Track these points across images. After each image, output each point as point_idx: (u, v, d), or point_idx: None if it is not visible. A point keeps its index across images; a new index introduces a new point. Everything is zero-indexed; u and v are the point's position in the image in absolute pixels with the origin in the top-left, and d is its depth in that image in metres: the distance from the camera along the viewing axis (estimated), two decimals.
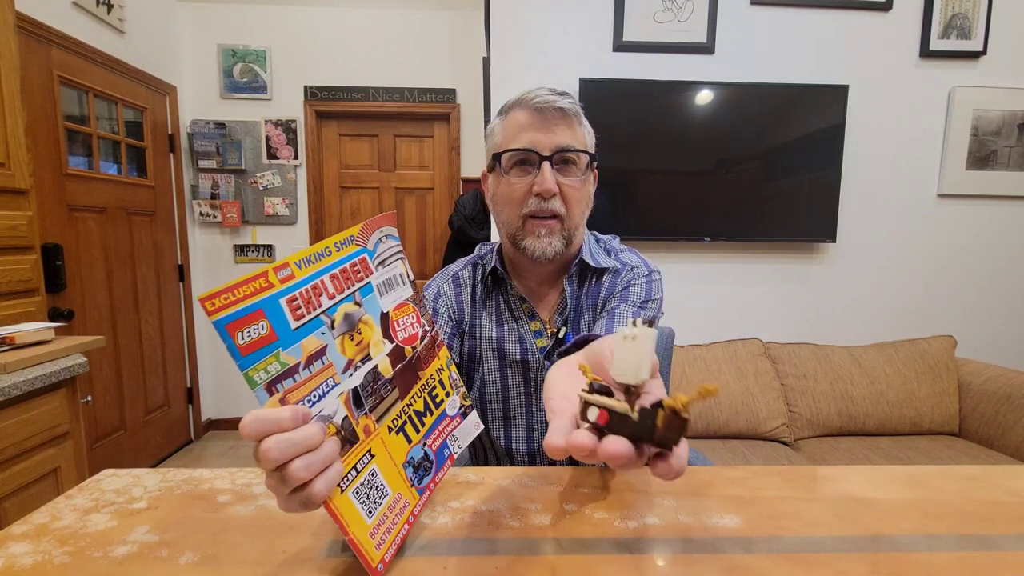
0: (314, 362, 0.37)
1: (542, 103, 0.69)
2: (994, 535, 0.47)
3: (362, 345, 0.41)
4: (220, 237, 2.91)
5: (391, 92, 2.86)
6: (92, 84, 2.18)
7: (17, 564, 0.40)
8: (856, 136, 2.06)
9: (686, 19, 1.99)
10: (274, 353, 0.34)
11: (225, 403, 3.05)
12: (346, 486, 0.37)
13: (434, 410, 0.46)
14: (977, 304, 2.21)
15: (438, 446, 0.47)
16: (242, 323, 0.33)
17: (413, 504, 0.43)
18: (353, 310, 0.41)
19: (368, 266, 0.43)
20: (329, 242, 0.40)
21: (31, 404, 1.12)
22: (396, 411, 0.43)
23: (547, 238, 0.71)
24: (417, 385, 0.46)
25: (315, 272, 0.39)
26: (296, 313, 0.36)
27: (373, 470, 0.40)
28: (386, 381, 0.43)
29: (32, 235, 1.47)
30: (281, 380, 0.34)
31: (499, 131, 0.74)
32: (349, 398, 0.39)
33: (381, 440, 0.41)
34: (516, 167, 0.72)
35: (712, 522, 0.48)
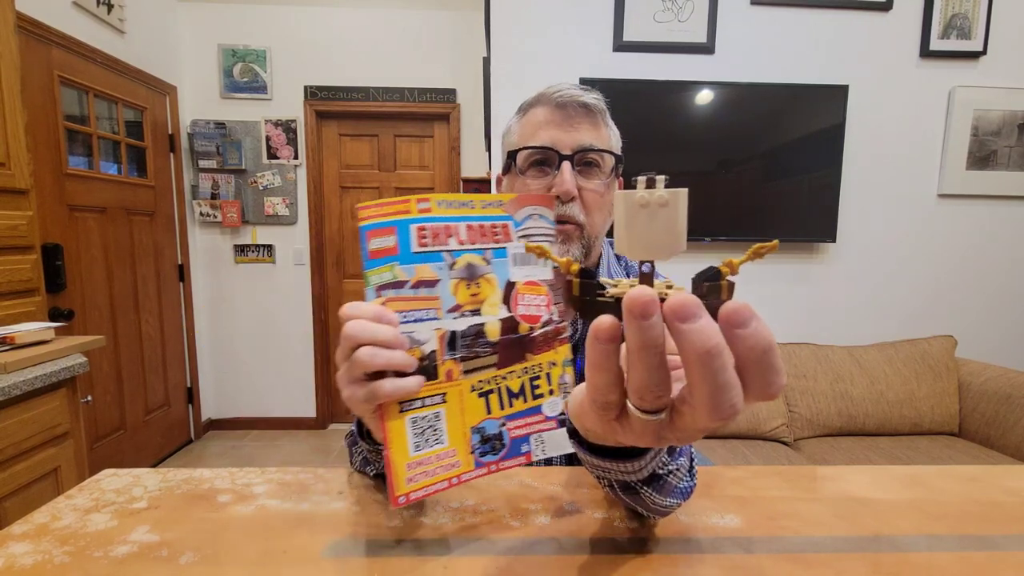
0: (422, 287, 0.41)
1: (564, 98, 0.64)
2: (994, 535, 0.47)
3: (476, 298, 0.42)
4: (220, 237, 2.91)
5: (391, 92, 2.86)
6: (92, 84, 2.18)
7: (17, 564, 0.40)
8: (856, 136, 2.06)
9: (686, 19, 1.99)
10: (390, 265, 0.40)
11: (225, 403, 3.05)
12: (407, 409, 0.40)
13: (528, 399, 0.44)
14: (977, 304, 2.21)
15: (518, 436, 0.44)
16: (377, 233, 0.40)
17: (463, 470, 0.42)
18: (478, 263, 0.43)
19: (508, 233, 0.44)
20: (476, 198, 0.43)
21: (31, 404, 1.12)
22: (486, 376, 0.43)
23: (564, 246, 0.64)
24: (521, 365, 0.44)
25: (451, 216, 0.42)
26: (421, 241, 0.41)
27: (439, 413, 0.41)
28: (487, 343, 0.43)
29: (32, 235, 1.47)
30: (388, 288, 0.40)
31: (516, 129, 0.69)
32: (445, 336, 0.41)
33: (460, 392, 0.42)
34: (533, 167, 0.65)
35: (712, 522, 0.48)
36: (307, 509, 0.49)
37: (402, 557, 0.42)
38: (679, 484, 0.45)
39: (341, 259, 3.06)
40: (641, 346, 0.22)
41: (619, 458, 0.37)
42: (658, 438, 0.25)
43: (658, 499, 0.43)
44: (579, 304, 0.25)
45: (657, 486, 0.43)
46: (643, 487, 0.42)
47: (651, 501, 0.43)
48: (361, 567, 0.41)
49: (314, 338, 3.02)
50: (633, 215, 0.24)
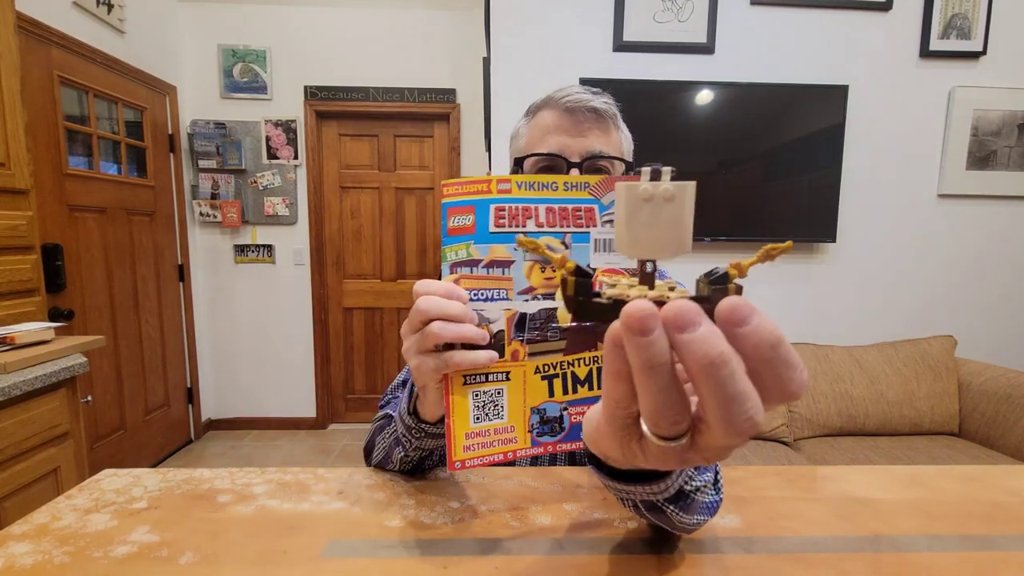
0: (495, 268, 0.42)
1: (573, 103, 0.62)
2: (994, 535, 0.47)
3: (551, 282, 0.42)
4: (220, 237, 2.91)
5: (391, 92, 2.86)
6: (92, 84, 2.18)
7: (17, 564, 0.40)
8: (856, 136, 2.06)
9: (686, 19, 1.99)
10: (466, 243, 0.41)
11: (225, 403, 3.05)
12: (470, 382, 0.41)
13: (595, 387, 0.43)
14: (977, 304, 2.21)
15: (578, 421, 0.43)
16: (457, 211, 0.41)
17: (520, 446, 0.43)
18: (557, 246, 0.41)
19: (593, 217, 0.42)
20: (559, 179, 0.42)
21: (31, 404, 1.12)
22: (553, 360, 0.43)
23: None
24: (590, 353, 0.43)
25: (532, 198, 0.42)
26: (498, 221, 0.41)
27: (501, 390, 0.41)
28: (557, 328, 0.43)
29: (32, 235, 1.47)
30: (463, 266, 0.41)
31: (524, 133, 0.67)
32: (514, 318, 0.42)
33: (524, 372, 0.42)
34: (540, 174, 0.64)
35: (712, 522, 0.48)
36: (307, 509, 0.49)
37: (402, 557, 0.42)
38: (705, 500, 0.43)
39: (341, 259, 3.06)
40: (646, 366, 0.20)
41: (641, 481, 0.36)
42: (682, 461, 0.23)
43: (685, 517, 0.42)
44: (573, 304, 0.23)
45: (684, 504, 0.41)
46: (668, 505, 0.40)
47: (677, 520, 0.41)
48: (361, 567, 0.41)
49: (314, 338, 3.02)
50: (635, 209, 0.22)
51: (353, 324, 3.11)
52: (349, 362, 3.13)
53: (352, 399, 3.16)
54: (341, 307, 3.09)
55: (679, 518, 0.41)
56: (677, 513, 0.41)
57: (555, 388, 0.43)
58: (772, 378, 0.20)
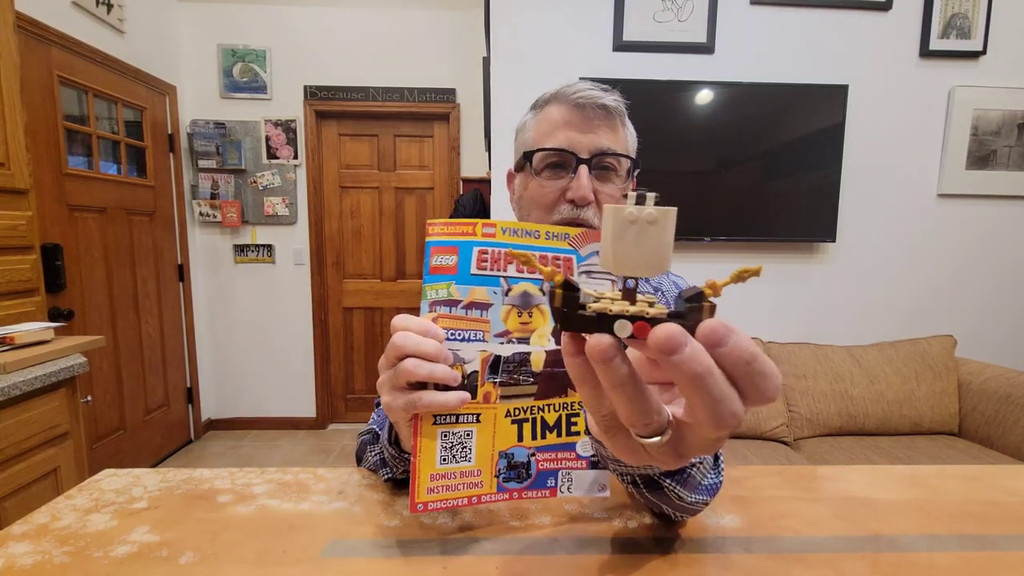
0: (474, 309, 0.42)
1: (584, 99, 0.62)
2: (994, 535, 0.47)
3: (526, 327, 0.43)
4: (220, 237, 2.91)
5: (391, 92, 2.86)
6: (92, 84, 2.18)
7: (17, 564, 0.40)
8: (856, 136, 2.06)
9: (686, 19, 1.99)
10: (448, 283, 0.42)
11: (225, 403, 3.05)
12: (440, 422, 0.41)
13: (563, 434, 0.43)
14: (977, 304, 2.21)
15: (546, 468, 0.44)
16: (441, 250, 0.41)
17: (486, 491, 0.42)
18: (534, 293, 0.43)
19: (571, 267, 0.43)
20: (541, 228, 0.43)
21: (31, 404, 1.12)
22: (523, 404, 0.43)
23: None
24: (560, 399, 0.44)
25: (514, 243, 0.43)
26: (480, 264, 0.42)
27: (471, 432, 0.41)
28: (530, 372, 0.43)
29: (32, 235, 1.47)
30: (442, 305, 0.42)
31: (532, 127, 0.67)
32: (489, 359, 0.42)
33: (494, 415, 0.42)
34: (548, 169, 0.64)
35: (712, 522, 0.48)
36: (307, 509, 0.49)
37: (402, 557, 0.42)
38: (703, 480, 0.45)
39: (341, 259, 3.06)
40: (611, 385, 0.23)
41: None
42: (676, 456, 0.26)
43: (684, 494, 0.43)
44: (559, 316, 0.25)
45: (680, 479, 0.43)
46: (665, 480, 0.42)
47: (676, 497, 0.43)
48: (361, 567, 0.41)
49: (314, 338, 3.02)
50: (621, 230, 0.24)
51: (353, 324, 3.11)
52: (349, 362, 3.13)
53: (352, 399, 3.16)
54: (341, 307, 3.09)
55: (677, 494, 0.43)
56: (675, 488, 0.42)
57: (524, 432, 0.43)
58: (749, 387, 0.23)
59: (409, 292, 3.07)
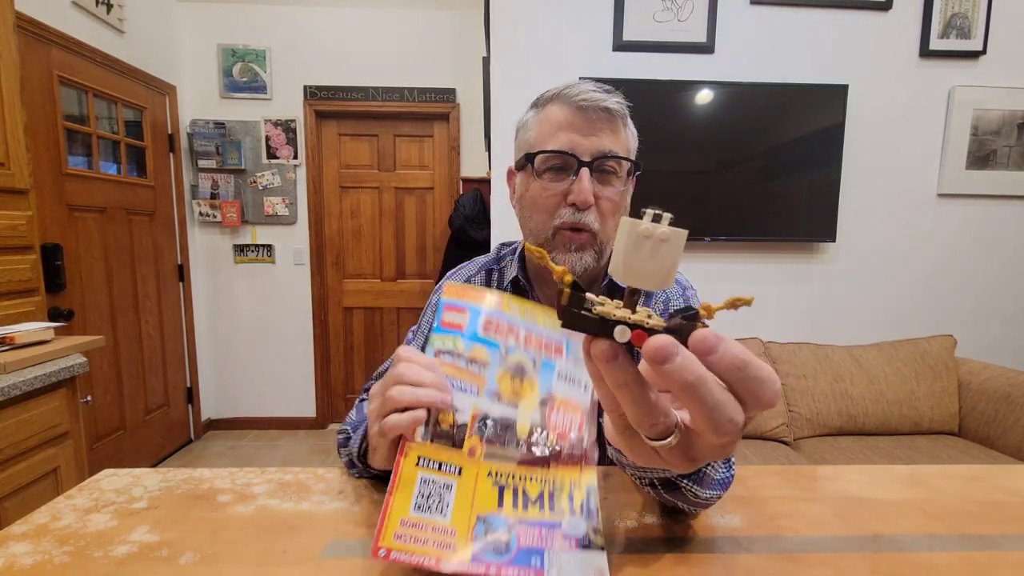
0: (473, 365, 0.45)
1: (587, 101, 0.61)
2: (994, 535, 0.47)
3: (516, 394, 0.45)
4: (220, 237, 2.91)
5: (391, 92, 2.86)
6: (92, 84, 2.18)
7: (17, 564, 0.40)
8: (856, 136, 2.06)
9: (686, 18, 1.99)
10: (455, 337, 0.46)
11: (225, 403, 3.05)
12: (423, 465, 0.40)
13: (546, 510, 0.41)
14: (977, 304, 2.21)
15: (526, 544, 0.39)
16: (453, 309, 0.46)
17: (458, 556, 0.38)
18: (527, 365, 0.46)
19: (561, 351, 0.48)
20: (542, 312, 0.49)
21: (31, 404, 1.12)
22: (506, 468, 0.42)
23: (577, 254, 0.64)
24: (541, 470, 0.43)
25: (516, 318, 0.48)
26: (486, 328, 0.46)
27: (451, 484, 0.40)
28: (515, 437, 0.44)
29: (32, 235, 1.47)
30: (446, 355, 0.45)
31: (533, 126, 0.66)
32: (478, 415, 0.43)
33: (476, 472, 0.41)
34: (550, 171, 0.64)
35: (712, 522, 0.48)
36: (307, 509, 0.49)
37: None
38: (716, 476, 0.46)
39: (341, 259, 3.06)
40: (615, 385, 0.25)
41: None
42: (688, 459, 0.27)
43: (699, 491, 0.44)
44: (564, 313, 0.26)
45: (696, 478, 0.44)
46: (682, 480, 0.43)
47: (691, 495, 0.44)
48: (361, 567, 0.41)
49: (314, 338, 3.02)
50: (635, 244, 0.25)
51: (353, 324, 3.11)
52: (349, 362, 3.13)
53: (352, 399, 3.16)
54: (341, 307, 3.09)
55: (693, 492, 0.44)
56: (691, 487, 0.44)
57: (505, 499, 0.41)
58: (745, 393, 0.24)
59: (409, 292, 3.07)
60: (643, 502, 0.51)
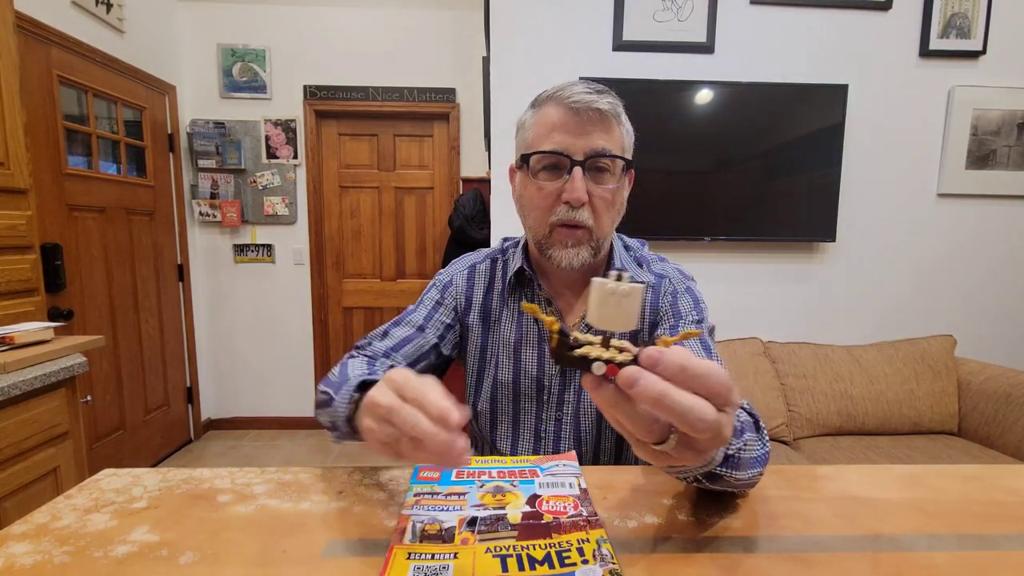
0: (453, 496, 0.50)
1: (578, 103, 0.63)
2: (994, 534, 0.47)
3: (501, 502, 0.49)
4: (220, 237, 2.91)
5: (391, 92, 2.86)
6: (91, 83, 2.18)
7: (17, 564, 0.40)
8: (856, 136, 2.06)
9: (686, 18, 1.99)
10: (431, 485, 0.52)
11: (225, 403, 3.05)
12: (414, 557, 0.40)
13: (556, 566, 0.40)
14: (976, 303, 2.21)
15: None
16: (427, 470, 0.56)
17: None
18: (506, 486, 0.52)
19: (536, 473, 0.55)
20: (509, 459, 0.59)
21: (31, 404, 1.12)
22: (505, 543, 0.42)
23: (574, 249, 0.67)
24: (544, 540, 0.43)
25: (486, 465, 0.57)
26: (457, 476, 0.54)
27: (447, 565, 0.39)
28: (508, 524, 0.45)
29: (31, 235, 1.47)
30: (425, 495, 0.50)
31: (531, 126, 0.69)
32: (465, 519, 0.46)
33: (472, 552, 0.41)
34: (545, 170, 0.67)
35: (712, 521, 0.48)
36: (307, 509, 0.49)
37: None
38: (753, 454, 0.48)
39: (341, 259, 3.06)
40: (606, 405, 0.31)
41: None
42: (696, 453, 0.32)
43: (739, 474, 0.47)
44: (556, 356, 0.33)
45: (733, 464, 0.46)
46: (722, 469, 0.45)
47: (733, 479, 0.47)
48: (361, 567, 0.41)
49: (314, 338, 3.02)
50: (603, 299, 0.32)
51: (353, 324, 3.11)
52: None
53: None
54: (341, 307, 3.09)
55: (734, 477, 0.46)
56: (731, 473, 0.46)
57: (509, 566, 0.40)
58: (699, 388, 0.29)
59: (409, 292, 3.07)
60: (642, 502, 0.51)
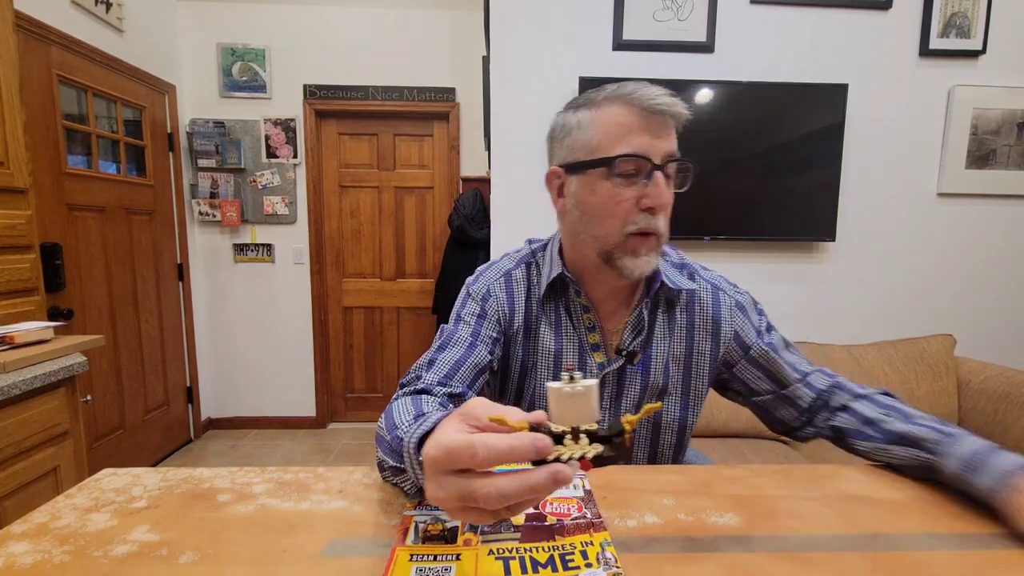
0: None
1: (657, 105, 0.61)
2: (993, 534, 0.47)
3: None
4: (219, 236, 2.91)
5: (390, 91, 2.86)
6: (91, 83, 2.18)
7: (17, 563, 0.40)
8: (856, 135, 2.06)
9: (686, 18, 1.99)
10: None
11: (225, 402, 3.05)
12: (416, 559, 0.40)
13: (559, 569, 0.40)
14: (976, 303, 2.21)
15: None
16: None
17: None
18: None
19: None
20: None
21: (30, 403, 1.12)
22: (508, 545, 0.42)
23: (646, 257, 0.64)
24: (547, 543, 0.43)
25: None
26: None
27: (449, 567, 0.40)
28: (511, 525, 0.45)
29: (31, 234, 1.47)
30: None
31: (592, 128, 0.64)
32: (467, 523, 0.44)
33: (475, 554, 0.41)
34: (620, 175, 0.63)
35: (712, 521, 0.48)
36: (307, 508, 0.49)
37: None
38: None
39: (340, 258, 3.06)
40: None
41: None
42: None
43: None
44: (532, 461, 0.34)
45: None
46: None
47: None
48: (361, 567, 0.41)
49: (314, 337, 3.02)
50: (561, 401, 0.34)
51: (353, 323, 3.11)
52: (349, 361, 3.13)
53: (352, 398, 3.16)
54: (341, 306, 3.09)
55: None
56: None
57: (512, 568, 0.40)
58: None
59: (408, 291, 3.07)
60: (643, 501, 0.51)
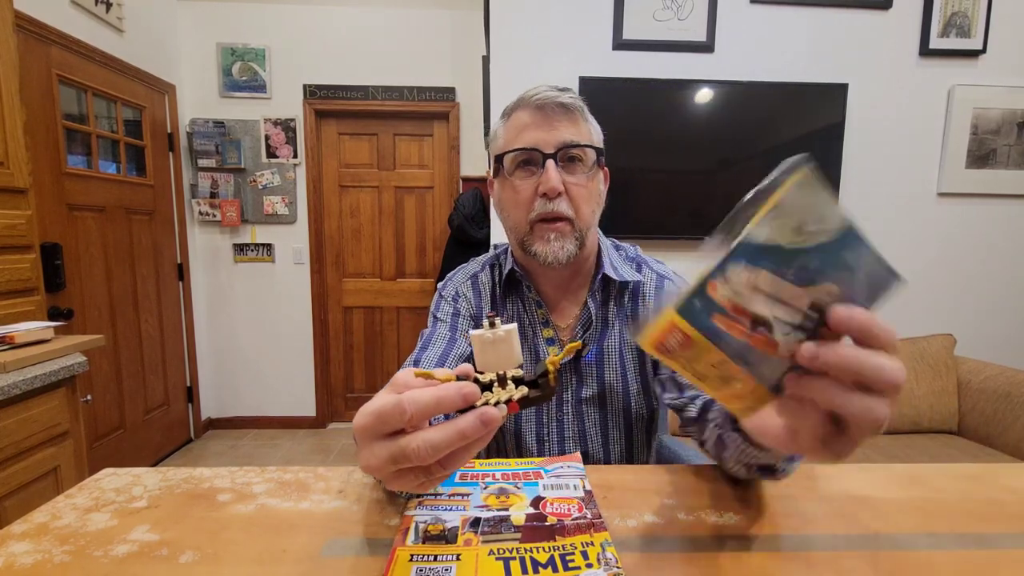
0: (456, 496, 0.50)
1: (543, 100, 0.67)
2: (993, 533, 0.47)
3: (504, 504, 0.49)
4: (219, 236, 2.91)
5: (390, 91, 2.85)
6: (91, 83, 2.18)
7: (17, 563, 0.40)
8: (856, 135, 2.06)
9: (686, 17, 1.99)
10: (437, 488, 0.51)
11: (225, 402, 3.05)
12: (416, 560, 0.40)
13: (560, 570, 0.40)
14: (976, 303, 2.21)
15: None
16: None
17: None
18: (510, 488, 0.51)
19: (540, 475, 0.54)
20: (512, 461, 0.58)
21: (31, 403, 1.12)
22: (509, 546, 0.42)
23: (558, 242, 0.67)
24: (548, 543, 0.43)
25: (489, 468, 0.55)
26: (460, 477, 0.53)
27: (450, 567, 0.40)
28: (511, 526, 0.45)
29: (31, 234, 1.47)
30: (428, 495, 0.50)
31: (501, 134, 0.72)
32: (468, 520, 0.45)
33: (475, 554, 0.41)
34: (520, 168, 0.69)
35: (712, 521, 0.48)
36: (307, 508, 0.49)
37: None
38: None
39: (340, 258, 3.06)
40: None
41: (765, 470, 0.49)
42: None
43: (793, 465, 0.50)
44: None
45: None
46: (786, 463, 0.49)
47: (790, 470, 0.50)
48: (361, 567, 0.41)
49: (314, 337, 3.02)
50: (484, 347, 0.34)
51: (353, 323, 3.11)
52: (349, 361, 3.13)
53: (352, 398, 3.16)
54: (341, 306, 3.09)
55: (791, 468, 0.50)
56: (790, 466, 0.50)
57: (512, 569, 0.40)
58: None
59: (408, 291, 3.07)
60: (642, 501, 0.51)
